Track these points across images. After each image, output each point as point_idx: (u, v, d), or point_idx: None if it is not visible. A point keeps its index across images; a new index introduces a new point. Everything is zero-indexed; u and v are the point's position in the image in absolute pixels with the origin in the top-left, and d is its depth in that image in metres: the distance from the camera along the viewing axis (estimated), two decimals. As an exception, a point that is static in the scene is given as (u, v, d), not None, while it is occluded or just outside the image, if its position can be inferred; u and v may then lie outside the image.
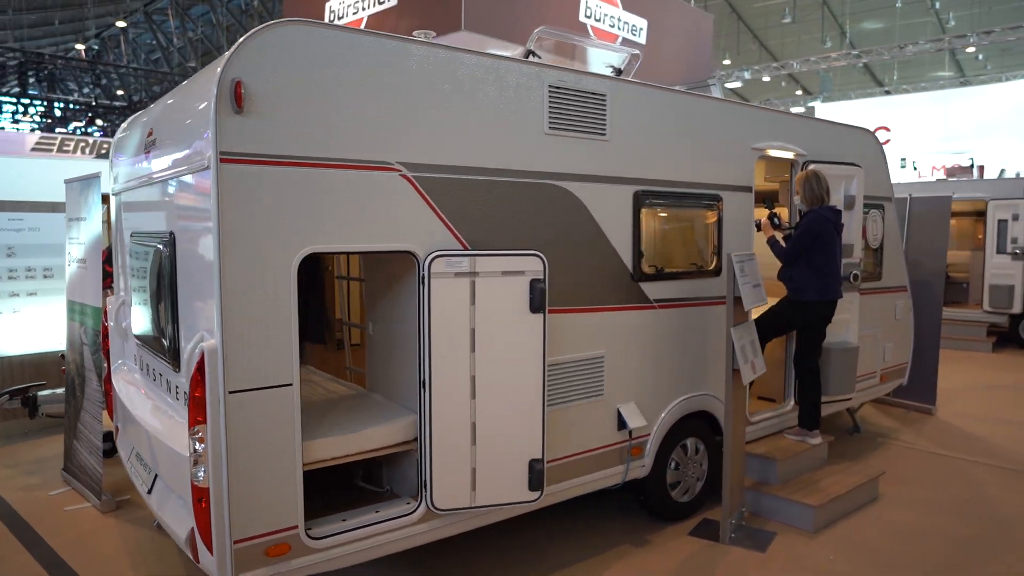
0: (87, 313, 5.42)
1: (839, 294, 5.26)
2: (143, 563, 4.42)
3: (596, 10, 10.01)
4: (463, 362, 3.61)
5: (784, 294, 5.37)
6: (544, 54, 6.17)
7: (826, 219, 5.09)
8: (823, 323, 5.32)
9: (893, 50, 20.09)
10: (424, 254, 3.55)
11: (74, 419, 5.67)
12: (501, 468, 3.73)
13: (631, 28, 10.66)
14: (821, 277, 5.11)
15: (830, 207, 5.19)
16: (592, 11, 9.93)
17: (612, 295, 4.43)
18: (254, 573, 3.20)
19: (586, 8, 9.75)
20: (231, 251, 3.06)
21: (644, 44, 10.74)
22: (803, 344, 5.40)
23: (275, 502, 3.24)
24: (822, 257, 5.09)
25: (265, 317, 3.15)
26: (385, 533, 3.58)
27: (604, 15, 10.19)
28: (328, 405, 4.09)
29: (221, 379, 3.06)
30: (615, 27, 10.27)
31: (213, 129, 2.98)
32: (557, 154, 4.07)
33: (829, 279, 5.14)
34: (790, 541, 4.74)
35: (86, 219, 5.37)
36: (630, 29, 10.64)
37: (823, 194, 5.16)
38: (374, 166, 3.40)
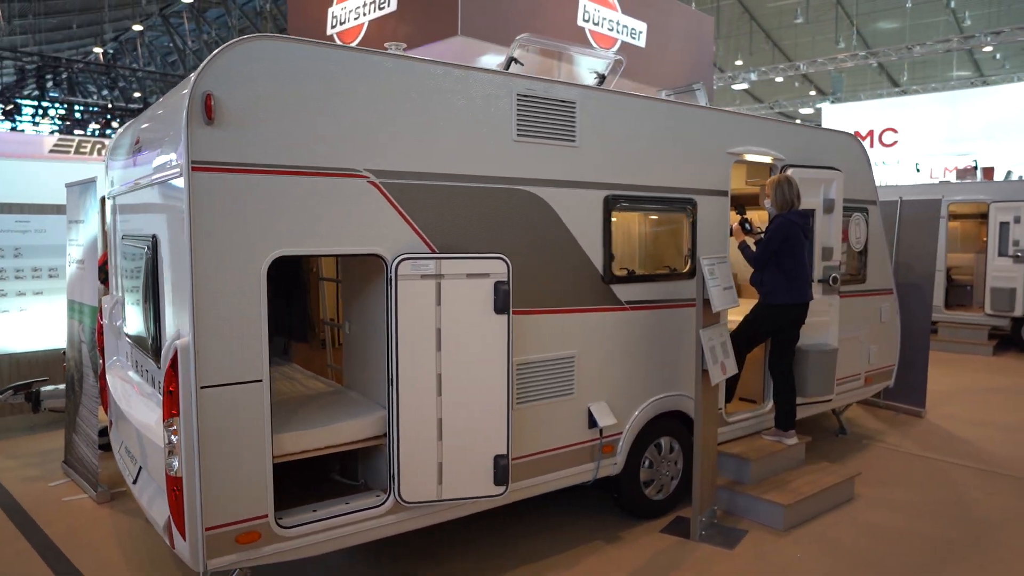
0: (85, 312, 5.63)
1: (809, 296, 5.38)
2: (133, 550, 4.62)
3: (594, 14, 10.10)
4: (429, 360, 3.76)
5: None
6: (531, 60, 6.33)
7: (793, 223, 5.21)
8: (795, 326, 5.44)
9: (901, 51, 20.01)
10: (392, 257, 3.71)
11: (73, 414, 5.89)
12: (467, 463, 3.88)
13: (630, 32, 10.73)
14: (791, 280, 5.23)
15: (799, 211, 5.31)
16: (590, 15, 10.01)
17: (583, 297, 4.56)
18: (225, 559, 3.37)
19: (584, 12, 9.84)
20: (203, 253, 3.23)
21: (644, 47, 10.82)
22: (776, 347, 5.52)
23: (246, 492, 3.41)
24: (791, 260, 5.21)
25: (236, 316, 3.32)
26: (354, 524, 3.74)
27: (602, 19, 10.27)
28: (304, 400, 4.27)
29: (193, 375, 3.23)
30: (614, 31, 10.34)
31: (185, 139, 3.15)
32: (526, 160, 4.22)
33: (799, 282, 5.26)
34: (759, 539, 4.85)
35: (84, 222, 5.59)
36: (629, 32, 10.71)
37: (794, 199, 5.28)
38: (342, 173, 3.57)
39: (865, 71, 30.44)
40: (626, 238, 4.82)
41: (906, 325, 7.83)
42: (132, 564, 4.44)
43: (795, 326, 5.42)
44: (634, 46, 10.69)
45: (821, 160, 6.05)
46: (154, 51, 36.01)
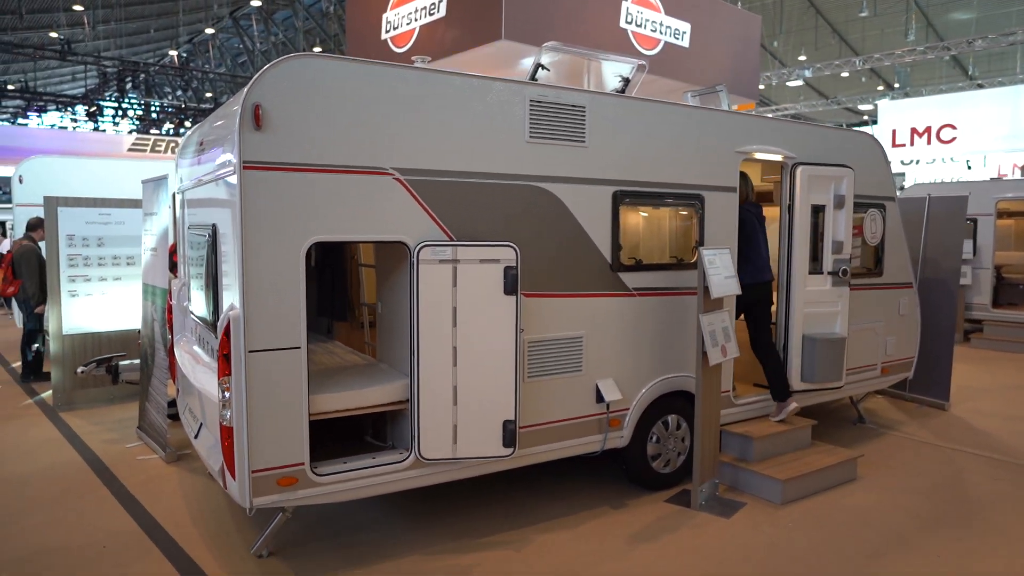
0: (157, 294, 6.38)
1: (768, 277, 6.00)
2: (195, 501, 5.30)
3: (637, 16, 10.41)
4: (446, 335, 4.29)
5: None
6: (561, 65, 6.81)
7: (748, 210, 5.93)
8: (763, 304, 6.00)
9: (962, 45, 19.60)
10: (414, 244, 4.25)
11: (146, 385, 6.66)
12: (478, 426, 4.40)
13: (673, 32, 11.01)
14: (750, 262, 5.90)
15: (753, 203, 6.07)
16: (633, 17, 10.34)
17: (592, 283, 5.02)
18: (267, 498, 3.98)
19: (627, 14, 10.18)
20: (251, 239, 3.83)
21: (688, 47, 11.09)
22: (752, 326, 6.07)
23: (286, 442, 4.00)
24: (747, 246, 5.89)
25: (279, 292, 3.92)
26: (380, 476, 4.31)
27: (645, 20, 10.57)
28: (341, 370, 4.86)
29: (242, 341, 3.84)
30: (656, 32, 10.64)
31: (237, 143, 3.76)
32: (538, 159, 4.71)
33: (758, 263, 5.93)
34: (756, 511, 5.23)
35: (157, 214, 6.33)
36: (672, 33, 10.99)
37: (748, 193, 6.06)
38: (371, 171, 4.13)
39: (934, 64, 29.70)
40: (635, 230, 5.25)
41: (932, 320, 8.00)
42: (194, 512, 5.12)
43: (761, 304, 5.99)
44: (678, 46, 10.98)
45: (833, 158, 6.34)
46: (225, 52, 37.75)
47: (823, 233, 6.23)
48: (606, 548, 4.61)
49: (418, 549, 4.56)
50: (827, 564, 4.43)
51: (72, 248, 7.92)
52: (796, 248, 6.05)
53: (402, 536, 4.74)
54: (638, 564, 4.41)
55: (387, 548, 4.57)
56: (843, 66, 22.43)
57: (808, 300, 6.15)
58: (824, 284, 6.23)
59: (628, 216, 5.19)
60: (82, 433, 6.95)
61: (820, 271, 6.23)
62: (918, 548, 4.66)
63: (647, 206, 5.29)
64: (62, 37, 24.03)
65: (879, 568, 4.39)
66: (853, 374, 6.75)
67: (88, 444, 6.62)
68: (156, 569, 4.29)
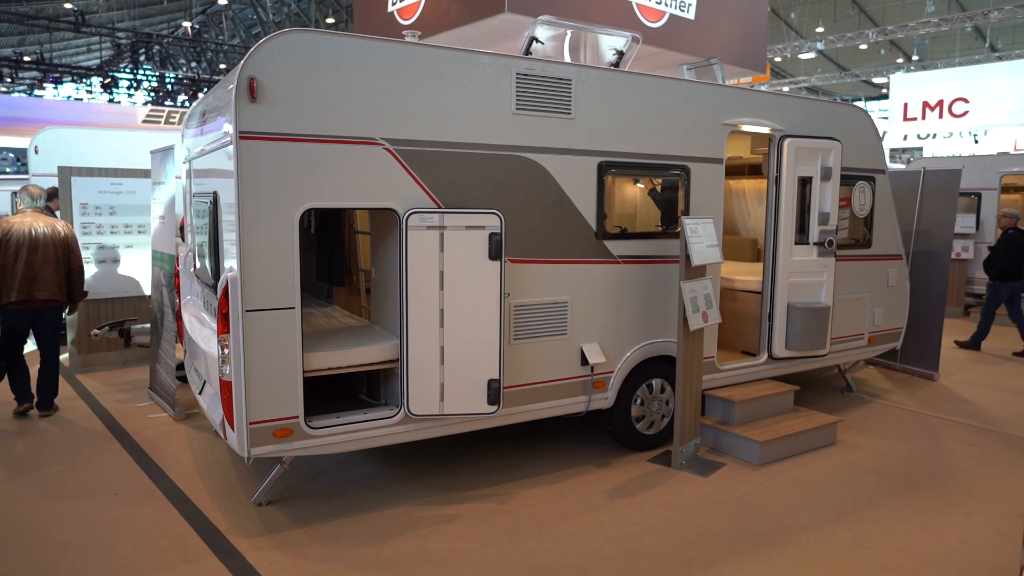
0: (165, 260, 6.65)
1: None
2: (200, 456, 5.60)
3: (641, -13, 10.45)
4: (433, 298, 4.52)
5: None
6: (557, 39, 6.94)
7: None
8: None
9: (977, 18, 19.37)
10: (403, 211, 4.47)
11: (156, 347, 6.96)
12: (464, 384, 4.64)
13: (679, 4, 11.05)
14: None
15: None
16: (637, -12, 10.38)
17: (577, 250, 5.22)
18: (264, 448, 4.26)
19: (631, -14, 10.22)
20: (248, 205, 4.06)
21: (693, 19, 11.12)
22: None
23: (281, 396, 4.27)
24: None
25: (273, 255, 4.16)
26: (371, 430, 4.57)
27: (650, -8, 10.60)
28: (336, 331, 5.11)
29: (240, 300, 4.09)
30: (661, 4, 10.67)
31: (234, 114, 3.97)
32: (524, 130, 4.89)
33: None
34: (733, 471, 5.46)
35: (164, 183, 6.57)
36: (678, 5, 11.03)
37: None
38: (361, 141, 4.33)
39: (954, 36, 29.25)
40: (620, 199, 5.43)
41: (924, 291, 8.15)
42: (199, 464, 5.42)
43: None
44: (683, 18, 11.02)
45: (821, 131, 6.47)
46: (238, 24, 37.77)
47: (809, 205, 6.38)
48: (586, 501, 4.87)
49: (407, 500, 4.84)
50: (795, 519, 4.66)
51: (86, 216, 8.20)
52: (782, 219, 6.21)
53: (392, 489, 5.02)
54: (614, 515, 4.66)
55: (378, 500, 4.85)
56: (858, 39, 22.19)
57: (793, 270, 6.32)
58: (810, 254, 6.39)
59: (613, 186, 5.37)
60: (97, 393, 7.28)
61: (806, 242, 6.39)
62: (886, 507, 4.87)
63: (632, 176, 5.47)
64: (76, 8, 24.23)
65: (845, 524, 4.61)
66: (839, 343, 6.93)
67: (102, 403, 6.95)
68: (164, 514, 4.59)
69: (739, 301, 6.89)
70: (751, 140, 7.13)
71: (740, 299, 6.89)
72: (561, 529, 4.47)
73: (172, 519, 4.53)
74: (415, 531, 4.42)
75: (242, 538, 4.29)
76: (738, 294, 6.90)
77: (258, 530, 4.39)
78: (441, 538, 4.33)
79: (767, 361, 6.42)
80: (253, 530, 4.39)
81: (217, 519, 4.54)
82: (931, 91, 20.50)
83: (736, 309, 6.85)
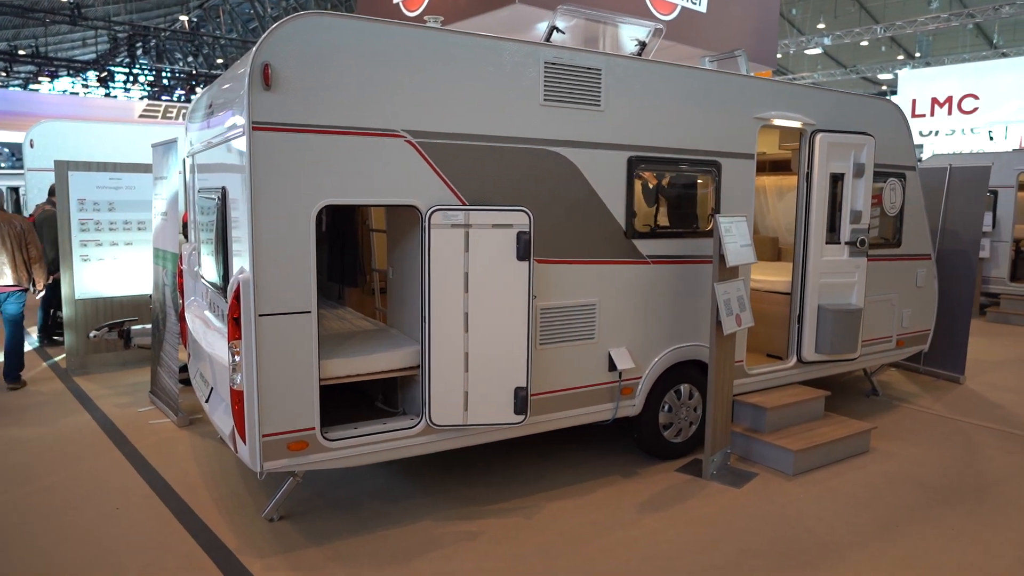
0: (167, 258, 6.35)
1: None
2: (206, 464, 5.32)
3: (654, -21, 10.18)
4: (458, 301, 4.25)
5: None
6: (577, 29, 6.65)
7: None
8: None
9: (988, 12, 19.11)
10: (426, 208, 4.19)
11: (158, 349, 6.67)
12: (489, 392, 4.37)
13: (691, -4, 10.78)
14: None
15: None
16: (650, -20, 10.11)
17: (605, 250, 4.95)
18: (278, 462, 3.98)
19: (643, -22, 9.95)
20: (261, 201, 3.78)
21: (705, 12, 10.87)
22: None
23: (296, 407, 3.99)
24: None
25: (288, 256, 3.87)
26: (390, 442, 4.30)
27: (662, -16, 10.34)
28: (351, 335, 4.83)
29: (252, 304, 3.81)
30: (672, -5, 10.43)
31: (247, 103, 3.69)
32: (552, 123, 4.61)
33: None
34: (767, 481, 5.20)
35: (167, 178, 6.28)
36: (690, -1, 10.77)
37: None
38: (382, 133, 4.05)
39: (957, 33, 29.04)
40: (648, 197, 5.16)
41: (950, 291, 7.89)
42: (205, 475, 5.14)
43: None
44: (695, 11, 10.76)
45: (853, 125, 6.20)
46: (236, 18, 37.35)
47: (841, 202, 6.12)
48: (616, 516, 4.60)
49: (427, 514, 4.57)
50: (838, 535, 4.40)
51: (83, 213, 7.89)
52: (813, 217, 5.95)
53: (410, 502, 4.75)
54: (647, 532, 4.39)
55: (395, 514, 4.58)
56: (864, 34, 21.92)
57: (824, 270, 6.06)
58: (841, 254, 6.13)
59: (643, 182, 5.10)
60: (95, 397, 6.99)
61: (837, 241, 6.13)
62: (931, 521, 4.62)
63: (663, 172, 5.19)
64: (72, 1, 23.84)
65: (892, 541, 4.35)
66: (868, 346, 6.67)
67: (101, 408, 6.66)
68: (168, 530, 4.31)
69: (764, 302, 6.62)
70: (779, 135, 6.86)
71: (765, 300, 6.63)
72: (593, 547, 4.20)
73: (178, 536, 4.25)
74: (438, 549, 4.14)
75: (254, 558, 4.01)
76: (762, 295, 6.64)
77: (271, 549, 4.12)
78: (466, 557, 4.06)
79: (796, 365, 6.16)
80: (266, 549, 4.11)
81: (226, 536, 4.26)
82: (940, 87, 20.26)
83: (761, 310, 6.58)
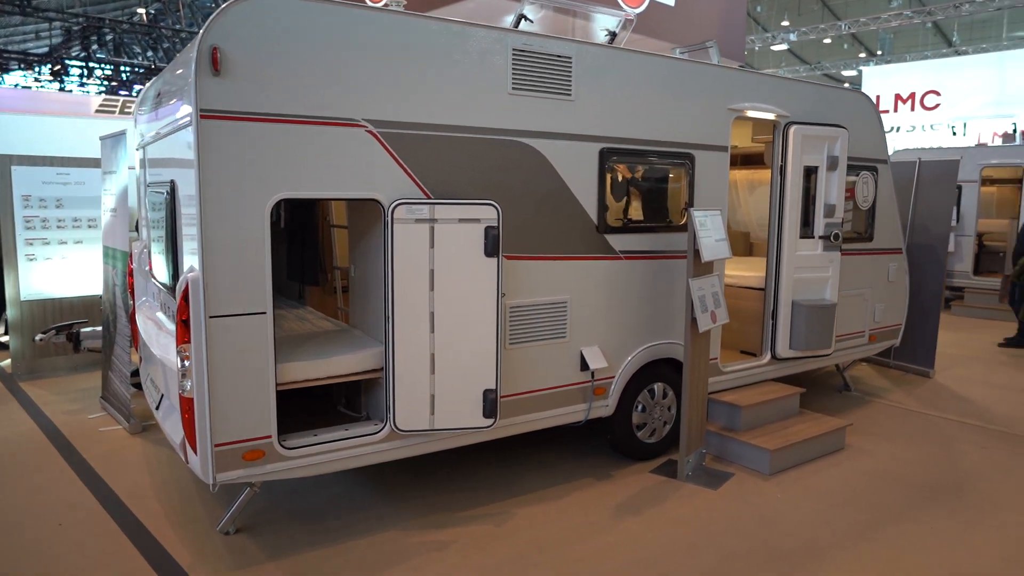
0: (117, 257, 6.03)
1: None
2: (159, 475, 5.04)
3: (622, -29, 10.03)
4: (423, 299, 4.03)
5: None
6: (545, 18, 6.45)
7: None
8: None
9: (949, 10, 19.36)
10: (388, 202, 3.96)
11: (108, 352, 6.34)
12: (457, 396, 4.16)
13: (660, -11, 10.65)
14: None
15: None
16: (618, -28, 9.96)
17: (577, 245, 4.77)
18: (232, 473, 3.73)
19: (611, -30, 9.79)
20: (211, 195, 3.53)
21: (673, 6, 10.75)
22: None
23: (252, 414, 3.74)
24: None
25: (241, 253, 3.62)
26: (353, 449, 4.07)
27: (631, -24, 10.20)
28: (311, 337, 4.59)
29: (202, 305, 3.55)
30: (642, -12, 10.30)
31: (194, 90, 3.43)
32: (521, 113, 4.41)
33: None
34: (743, 481, 5.08)
35: (116, 172, 5.95)
36: (659, -10, 10.64)
37: None
38: (341, 122, 3.82)
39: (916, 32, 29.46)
40: (621, 190, 4.99)
41: (919, 286, 7.87)
42: (157, 485, 4.86)
43: None
44: (663, 5, 10.64)
45: (826, 117, 6.10)
46: (196, 11, 36.46)
47: (815, 196, 6.02)
48: (590, 521, 4.43)
49: (393, 524, 4.35)
50: (819, 537, 4.28)
51: (29, 210, 7.50)
52: (787, 211, 5.84)
53: (375, 510, 4.52)
54: (624, 537, 4.23)
55: (360, 524, 4.35)
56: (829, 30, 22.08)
57: (798, 265, 5.96)
58: (815, 249, 6.04)
59: (615, 175, 4.93)
60: (42, 403, 6.63)
61: (811, 235, 6.03)
62: (912, 520, 4.52)
63: (635, 164, 5.03)
64: (23, -9, 22.97)
65: (873, 541, 4.25)
66: (841, 341, 6.60)
67: (48, 415, 6.31)
68: (115, 547, 4.04)
69: (737, 297, 6.51)
70: (752, 128, 6.75)
71: (738, 295, 6.51)
72: (568, 555, 4.02)
73: (126, 553, 3.98)
74: (405, 561, 3.93)
75: (208, 575, 3.76)
76: (735, 290, 6.52)
77: (226, 565, 3.86)
78: (435, 569, 3.85)
79: (770, 361, 6.06)
80: (221, 565, 3.86)
81: (178, 552, 3.99)
82: (903, 83, 20.49)
83: (734, 306, 6.46)
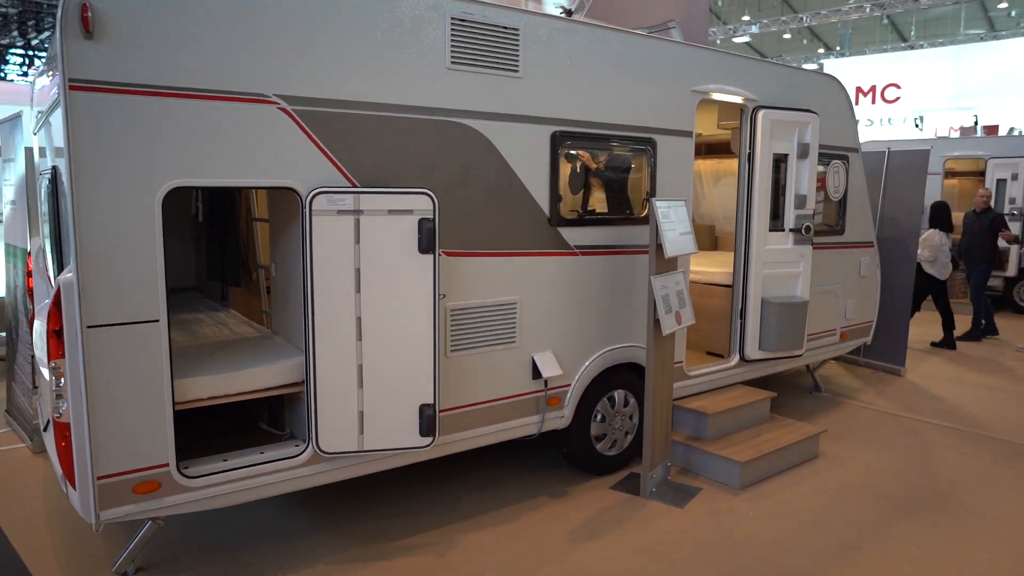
0: (18, 255, 5.39)
1: None
2: (56, 498, 4.44)
3: (581, -46, 9.58)
4: (348, 303, 3.51)
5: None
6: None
7: None
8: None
9: (908, 3, 19.31)
10: (306, 191, 3.43)
11: (12, 361, 5.69)
12: (390, 412, 3.65)
13: (620, -26, 10.23)
14: None
15: None
16: (577, -45, 9.51)
17: (527, 240, 4.29)
18: (120, 509, 3.17)
19: (569, -49, 9.35)
20: (86, 182, 2.96)
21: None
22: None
23: (143, 439, 3.19)
24: None
25: (127, 251, 3.07)
26: (269, 475, 3.54)
27: (589, -40, 9.74)
28: (224, 345, 4.03)
29: (78, 313, 2.99)
30: (602, -27, 9.85)
31: (61, 56, 2.86)
32: (461, 90, 3.91)
33: None
34: (712, 497, 4.65)
35: (14, 160, 5.31)
36: (619, -25, 10.21)
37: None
38: (248, 98, 3.27)
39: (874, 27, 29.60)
40: (577, 178, 4.52)
41: (889, 281, 7.56)
42: (52, 514, 4.26)
43: None
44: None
45: (797, 102, 5.71)
46: None
47: (784, 186, 5.63)
48: (545, 548, 3.96)
49: (321, 556, 3.83)
50: (796, 562, 3.87)
51: (-71, 203, 6.77)
52: (756, 202, 5.43)
53: (301, 541, 3.99)
54: (580, 567, 3.77)
55: (283, 557, 3.82)
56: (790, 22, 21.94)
57: (768, 260, 5.56)
58: (785, 242, 5.65)
59: (568, 162, 4.45)
60: (-61, 419, 5.96)
61: (781, 228, 5.64)
62: (893, 538, 4.14)
63: (591, 150, 4.56)
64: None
65: (854, 565, 3.85)
66: (812, 340, 6.23)
67: (-57, 432, 5.65)
68: (-12, 595, 3.46)
69: (703, 295, 6.10)
70: (717, 113, 6.34)
71: (703, 293, 6.10)
72: (516, 592, 3.55)
73: (0, 603, 3.41)
74: (328, 605, 3.42)
75: (92, 630, 3.21)
76: (701, 287, 6.11)
77: (116, 615, 3.31)
78: (362, 614, 3.35)
79: (739, 363, 5.65)
80: (109, 615, 3.31)
81: (63, 599, 3.43)
82: (864, 76, 20.41)
83: (699, 304, 6.05)
